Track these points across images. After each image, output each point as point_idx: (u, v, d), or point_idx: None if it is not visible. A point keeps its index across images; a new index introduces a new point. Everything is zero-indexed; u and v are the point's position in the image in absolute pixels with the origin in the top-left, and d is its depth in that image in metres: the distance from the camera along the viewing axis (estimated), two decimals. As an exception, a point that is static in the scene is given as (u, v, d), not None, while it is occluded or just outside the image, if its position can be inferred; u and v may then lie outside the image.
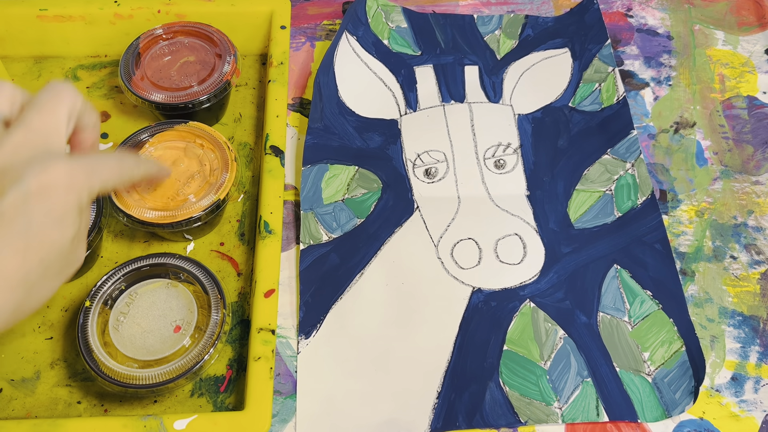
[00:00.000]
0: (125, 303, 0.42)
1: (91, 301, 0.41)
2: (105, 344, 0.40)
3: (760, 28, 0.60)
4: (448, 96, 0.54)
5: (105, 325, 0.41)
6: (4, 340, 0.43)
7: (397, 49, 0.57)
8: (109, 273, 0.42)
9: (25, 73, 0.55)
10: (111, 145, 0.52)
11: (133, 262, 0.43)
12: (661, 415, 0.42)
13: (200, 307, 0.41)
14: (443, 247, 0.47)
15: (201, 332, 0.40)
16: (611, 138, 0.52)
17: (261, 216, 0.45)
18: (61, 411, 0.41)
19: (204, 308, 0.41)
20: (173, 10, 0.54)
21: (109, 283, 0.42)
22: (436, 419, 0.41)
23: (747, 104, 0.56)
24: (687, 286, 0.47)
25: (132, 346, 0.40)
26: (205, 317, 0.41)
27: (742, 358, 0.44)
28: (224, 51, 0.51)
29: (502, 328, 0.44)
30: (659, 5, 0.62)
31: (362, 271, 0.46)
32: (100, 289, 0.41)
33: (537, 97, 0.55)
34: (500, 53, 0.57)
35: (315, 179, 0.49)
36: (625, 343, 0.44)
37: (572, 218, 0.49)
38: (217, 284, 0.42)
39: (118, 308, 0.41)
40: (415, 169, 0.51)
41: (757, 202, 0.51)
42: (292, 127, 0.53)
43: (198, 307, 0.41)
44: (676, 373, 0.43)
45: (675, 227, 0.49)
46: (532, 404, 0.42)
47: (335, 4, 0.61)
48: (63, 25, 0.54)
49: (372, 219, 0.48)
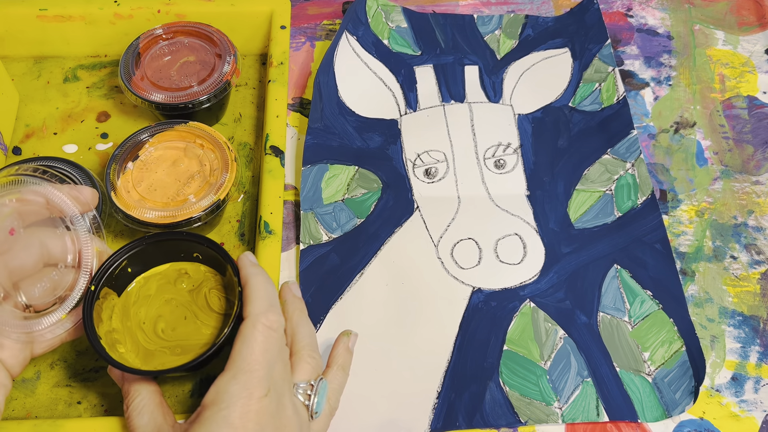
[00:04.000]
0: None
1: (95, 285, 0.39)
2: (112, 331, 0.39)
3: (760, 28, 0.60)
4: (448, 96, 0.54)
5: (111, 310, 0.40)
6: (4, 340, 0.43)
7: (397, 49, 0.57)
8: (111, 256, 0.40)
9: (25, 73, 0.55)
10: (111, 145, 0.52)
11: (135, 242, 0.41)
12: (661, 415, 0.41)
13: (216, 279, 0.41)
14: (443, 247, 0.47)
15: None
16: (611, 138, 0.52)
17: (261, 216, 0.45)
18: (61, 411, 0.41)
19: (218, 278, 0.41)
20: (173, 10, 0.54)
21: (113, 266, 0.40)
22: (436, 419, 0.41)
23: (747, 104, 0.56)
24: (687, 286, 0.47)
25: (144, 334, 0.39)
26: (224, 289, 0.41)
27: (742, 358, 0.44)
28: (224, 51, 0.51)
29: (502, 328, 0.44)
30: (659, 5, 0.62)
31: (362, 271, 0.46)
32: (104, 272, 0.39)
33: (537, 97, 0.55)
34: (500, 53, 0.57)
35: (315, 179, 0.49)
36: (625, 343, 0.44)
37: (572, 218, 0.49)
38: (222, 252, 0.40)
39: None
40: (415, 169, 0.51)
41: (757, 202, 0.51)
42: (292, 127, 0.53)
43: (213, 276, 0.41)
44: (676, 373, 0.43)
45: (675, 227, 0.49)
46: (532, 404, 0.42)
47: (335, 4, 0.61)
48: (63, 25, 0.54)
49: (372, 219, 0.48)
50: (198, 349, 0.39)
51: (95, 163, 0.51)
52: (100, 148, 0.52)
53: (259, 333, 0.34)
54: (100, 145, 0.52)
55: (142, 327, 0.40)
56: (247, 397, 0.32)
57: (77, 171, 0.45)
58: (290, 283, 0.42)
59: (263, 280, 0.37)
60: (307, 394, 0.36)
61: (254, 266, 0.38)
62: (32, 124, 0.53)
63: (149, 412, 0.35)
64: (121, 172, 0.45)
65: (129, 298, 0.41)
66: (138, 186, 0.45)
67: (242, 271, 0.37)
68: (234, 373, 0.33)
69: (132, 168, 0.45)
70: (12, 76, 0.55)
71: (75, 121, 0.53)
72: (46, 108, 0.53)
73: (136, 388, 0.36)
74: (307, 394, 0.36)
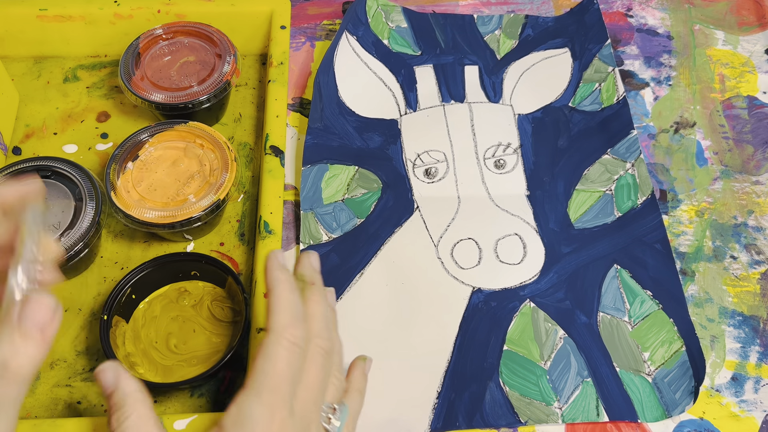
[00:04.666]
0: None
1: (107, 314, 0.41)
2: (128, 355, 0.41)
3: (760, 28, 0.60)
4: (448, 96, 0.54)
5: (123, 336, 0.42)
6: (4, 340, 0.43)
7: (397, 49, 0.57)
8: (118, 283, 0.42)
9: (25, 73, 0.55)
10: (111, 145, 0.52)
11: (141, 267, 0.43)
12: (661, 415, 0.41)
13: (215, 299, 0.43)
14: (443, 247, 0.47)
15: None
16: (611, 138, 0.52)
17: (261, 216, 0.45)
18: (61, 411, 0.41)
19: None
20: (173, 10, 0.54)
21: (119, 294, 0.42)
22: (436, 419, 0.41)
23: (747, 104, 0.55)
24: (687, 286, 0.47)
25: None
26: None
27: (742, 358, 0.44)
28: (224, 51, 0.51)
29: (502, 328, 0.44)
30: (659, 5, 0.62)
31: (362, 271, 0.46)
32: (113, 301, 0.42)
33: (537, 97, 0.55)
34: (500, 53, 0.57)
35: (315, 179, 0.49)
36: (625, 343, 0.44)
37: (572, 218, 0.49)
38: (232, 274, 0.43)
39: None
40: (415, 169, 0.51)
41: (757, 202, 0.51)
42: (292, 127, 0.53)
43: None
44: (676, 373, 0.43)
45: (675, 227, 0.49)
46: (532, 404, 0.42)
47: (335, 4, 0.61)
48: (63, 25, 0.54)
49: (372, 219, 0.48)
50: (213, 356, 0.41)
51: (95, 163, 0.51)
52: (100, 148, 0.52)
53: (284, 349, 0.32)
54: (100, 145, 0.52)
55: (155, 346, 0.42)
56: (269, 420, 0.30)
57: (77, 171, 0.45)
58: (329, 293, 0.39)
59: (288, 288, 0.33)
60: (328, 417, 0.34)
61: (281, 271, 0.34)
62: (32, 124, 0.53)
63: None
64: (121, 172, 0.45)
65: (137, 323, 0.43)
66: (138, 186, 0.45)
67: (268, 275, 0.34)
68: (258, 390, 0.31)
69: (132, 168, 0.45)
70: (12, 76, 0.55)
71: (75, 121, 0.53)
72: (46, 108, 0.53)
73: (131, 404, 0.32)
74: (328, 417, 0.34)
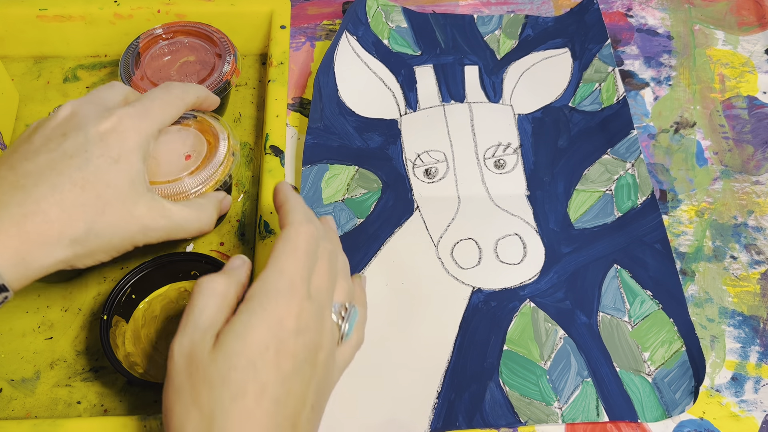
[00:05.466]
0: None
1: (107, 314, 0.41)
2: (128, 355, 0.41)
3: (760, 28, 0.60)
4: (448, 96, 0.54)
5: (123, 336, 0.42)
6: (3, 340, 0.43)
7: (397, 49, 0.57)
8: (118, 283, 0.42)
9: (25, 73, 0.55)
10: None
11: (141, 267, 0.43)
12: (661, 415, 0.41)
13: None
14: (443, 247, 0.47)
15: None
16: (611, 138, 0.52)
17: (261, 216, 0.45)
18: (61, 411, 0.41)
19: None
20: (173, 9, 0.54)
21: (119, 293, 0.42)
22: (436, 419, 0.41)
23: (747, 104, 0.56)
24: (687, 286, 0.47)
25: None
26: None
27: (742, 358, 0.44)
28: (224, 51, 0.51)
29: (502, 328, 0.44)
30: (659, 5, 0.62)
31: (362, 271, 0.46)
32: (112, 301, 0.41)
33: (537, 97, 0.55)
34: (500, 53, 0.57)
35: (315, 179, 0.49)
36: (625, 343, 0.44)
37: (572, 218, 0.49)
38: None
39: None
40: (415, 169, 0.51)
41: (757, 202, 0.51)
42: (292, 127, 0.53)
43: None
44: (676, 373, 0.43)
45: (675, 227, 0.49)
46: (532, 404, 0.42)
47: (335, 4, 0.61)
48: (63, 25, 0.54)
49: (372, 219, 0.48)
50: None
51: (95, 163, 0.51)
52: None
53: (303, 236, 0.32)
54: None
55: (155, 346, 0.42)
56: (291, 293, 0.30)
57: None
58: (329, 220, 0.39)
59: (300, 198, 0.35)
60: (341, 315, 0.34)
61: (291, 191, 0.35)
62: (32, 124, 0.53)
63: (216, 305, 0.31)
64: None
65: (137, 323, 0.43)
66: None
67: (280, 192, 0.35)
68: (280, 268, 0.31)
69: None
70: (12, 76, 0.55)
71: (75, 121, 0.53)
72: (46, 108, 0.53)
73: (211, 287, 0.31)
74: (341, 314, 0.34)
